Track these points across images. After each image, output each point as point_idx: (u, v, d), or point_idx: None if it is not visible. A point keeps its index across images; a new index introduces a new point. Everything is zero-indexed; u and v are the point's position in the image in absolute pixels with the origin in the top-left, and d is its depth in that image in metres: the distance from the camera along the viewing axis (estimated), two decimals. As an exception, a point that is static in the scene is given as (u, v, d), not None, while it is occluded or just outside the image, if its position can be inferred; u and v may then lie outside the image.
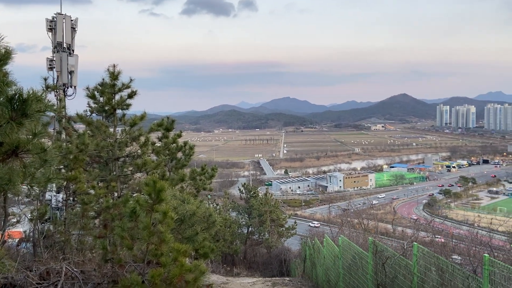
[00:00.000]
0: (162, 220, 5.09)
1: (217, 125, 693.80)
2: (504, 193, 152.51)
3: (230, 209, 35.72)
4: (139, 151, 10.76)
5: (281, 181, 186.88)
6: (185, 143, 13.27)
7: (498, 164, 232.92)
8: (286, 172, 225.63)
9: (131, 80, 10.51)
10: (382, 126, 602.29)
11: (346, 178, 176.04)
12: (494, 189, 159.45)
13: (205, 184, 13.29)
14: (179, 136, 12.94)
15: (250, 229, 34.96)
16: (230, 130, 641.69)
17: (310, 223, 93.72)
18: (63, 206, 10.20)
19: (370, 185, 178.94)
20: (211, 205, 27.63)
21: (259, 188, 49.68)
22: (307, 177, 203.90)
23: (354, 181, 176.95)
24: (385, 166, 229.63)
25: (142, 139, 10.98)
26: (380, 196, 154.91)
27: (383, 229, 66.97)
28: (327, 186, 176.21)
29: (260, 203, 34.54)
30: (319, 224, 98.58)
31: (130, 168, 10.93)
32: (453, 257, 10.58)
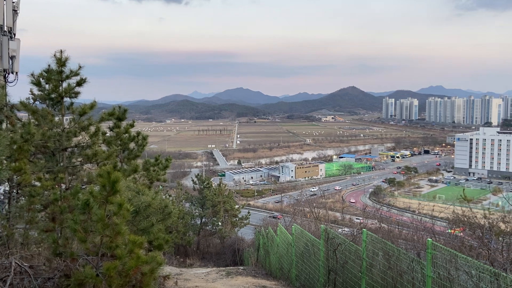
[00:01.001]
0: (117, 212, 4.96)
1: (169, 115, 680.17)
2: (443, 182, 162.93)
3: (183, 200, 35.36)
4: (89, 141, 10.33)
5: (235, 172, 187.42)
6: (138, 133, 12.92)
7: (438, 154, 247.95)
8: (239, 163, 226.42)
9: (80, 67, 10.01)
10: (332, 118, 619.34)
11: (297, 168, 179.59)
12: (434, 178, 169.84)
13: (159, 175, 13.04)
14: (132, 126, 12.56)
15: (203, 220, 34.85)
16: (182, 120, 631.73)
17: (270, 215, 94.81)
18: (6, 199, 9.61)
19: (321, 175, 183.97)
20: (166, 196, 27.19)
21: (212, 179, 49.51)
22: (260, 167, 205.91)
23: (305, 171, 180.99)
24: (334, 157, 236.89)
25: (92, 128, 10.53)
26: (337, 187, 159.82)
27: (333, 217, 69.41)
28: (279, 176, 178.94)
29: (213, 193, 34.48)
30: (280, 215, 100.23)
31: (79, 159, 10.48)
32: (399, 241, 11.21)
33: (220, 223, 34.38)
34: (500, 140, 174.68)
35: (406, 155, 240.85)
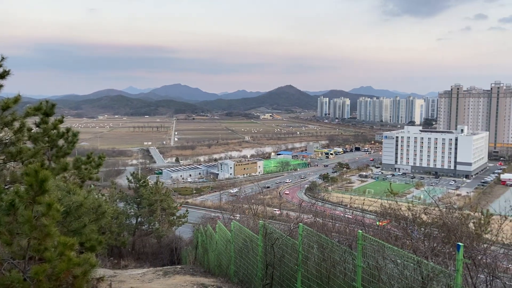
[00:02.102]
0: (46, 213, 4.68)
1: (101, 111, 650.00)
2: (372, 177, 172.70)
3: (118, 200, 34.03)
4: (13, 137, 9.58)
5: (172, 170, 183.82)
6: (68, 129, 12.17)
7: (367, 151, 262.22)
8: (177, 160, 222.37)
9: (2, 58, 9.24)
10: (270, 116, 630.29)
11: (236, 165, 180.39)
12: (364, 173, 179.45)
13: (91, 173, 12.40)
14: (61, 121, 11.81)
15: (139, 219, 33.82)
16: (116, 116, 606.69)
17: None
18: None
19: (259, 172, 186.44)
20: (99, 195, 25.95)
21: (149, 177, 48.14)
22: (199, 165, 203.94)
23: (244, 168, 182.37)
24: (272, 154, 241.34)
25: (17, 124, 9.78)
26: (277, 182, 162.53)
27: (270, 213, 70.70)
28: (218, 174, 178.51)
29: (150, 192, 33.58)
30: (236, 217, 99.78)
31: (2, 157, 9.68)
32: (333, 234, 11.74)
33: (157, 222, 33.58)
34: (422, 138, 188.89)
35: (339, 152, 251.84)
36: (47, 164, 11.48)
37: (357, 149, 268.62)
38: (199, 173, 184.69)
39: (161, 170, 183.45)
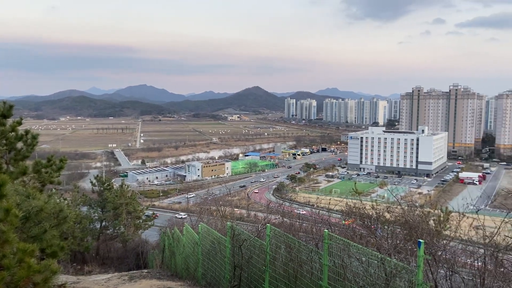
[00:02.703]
0: (4, 218, 4.47)
1: (63, 112, 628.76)
2: (338, 177, 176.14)
3: (81, 204, 32.95)
4: (-34, 140, 9.08)
5: (138, 172, 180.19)
6: (27, 131, 11.68)
7: (334, 151, 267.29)
8: (143, 163, 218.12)
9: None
10: (238, 117, 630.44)
11: (204, 167, 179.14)
12: (330, 173, 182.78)
13: (52, 177, 11.95)
14: (19, 123, 11.31)
15: (103, 223, 32.87)
16: (79, 118, 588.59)
17: (176, 215, 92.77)
18: None
19: (227, 173, 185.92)
20: (60, 200, 25.05)
21: (113, 180, 46.92)
22: (166, 167, 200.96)
23: (212, 170, 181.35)
24: (240, 155, 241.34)
25: (-30, 126, 9.29)
26: (252, 182, 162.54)
27: (239, 214, 70.63)
28: (185, 176, 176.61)
29: (115, 195, 32.72)
30: (185, 215, 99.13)
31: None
32: (300, 234, 11.88)
33: (122, 226, 32.77)
34: (385, 138, 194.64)
35: (306, 152, 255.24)
36: (4, 168, 10.98)
37: (324, 149, 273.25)
38: (166, 175, 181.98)
39: (127, 172, 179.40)
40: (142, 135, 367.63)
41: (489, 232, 8.21)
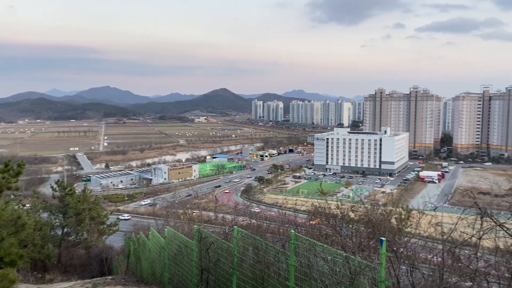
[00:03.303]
0: (-45, 228, 4.24)
1: (21, 115, 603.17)
2: (305, 178, 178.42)
3: (41, 210, 31.68)
4: None
5: (102, 176, 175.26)
6: (-19, 135, 11.14)
7: (300, 152, 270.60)
8: (107, 166, 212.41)
9: None
10: (205, 119, 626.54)
11: (170, 170, 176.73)
12: (298, 174, 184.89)
13: (9, 182, 11.40)
14: (-27, 127, 10.77)
15: (65, 230, 31.74)
16: (38, 121, 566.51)
17: (120, 216, 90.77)
18: None
19: (194, 176, 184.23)
20: (19, 206, 23.96)
21: (76, 185, 45.52)
22: (131, 170, 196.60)
23: (179, 173, 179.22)
24: (208, 157, 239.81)
25: None
26: (226, 182, 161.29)
27: (206, 217, 70.17)
28: (151, 179, 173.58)
29: (77, 200, 31.69)
30: (129, 217, 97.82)
31: None
32: (267, 235, 11.95)
33: (85, 232, 31.77)
34: (350, 139, 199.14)
35: (273, 154, 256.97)
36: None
37: (291, 150, 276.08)
38: (131, 179, 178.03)
39: (90, 177, 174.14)
40: (105, 138, 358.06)
41: (447, 229, 8.58)
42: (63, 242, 31.09)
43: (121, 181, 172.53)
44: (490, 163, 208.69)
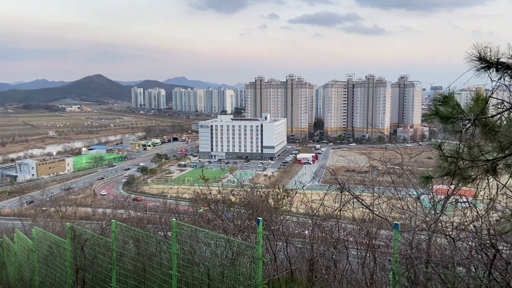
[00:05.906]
0: None
1: None
2: (190, 165, 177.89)
3: None
4: None
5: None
6: None
7: (185, 140, 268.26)
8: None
9: None
10: (78, 107, 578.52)
11: (39, 164, 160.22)
12: (183, 162, 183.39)
13: None
14: None
15: None
16: None
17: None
18: None
19: (68, 170, 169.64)
20: None
21: None
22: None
23: (50, 167, 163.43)
24: (83, 149, 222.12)
25: None
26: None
27: (84, 213, 65.37)
28: (16, 176, 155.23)
29: None
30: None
31: None
32: (149, 226, 11.69)
33: None
34: (234, 125, 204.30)
35: (157, 143, 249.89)
36: None
37: (175, 139, 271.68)
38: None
39: None
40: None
41: (316, 205, 9.48)
42: None
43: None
44: (355, 144, 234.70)
